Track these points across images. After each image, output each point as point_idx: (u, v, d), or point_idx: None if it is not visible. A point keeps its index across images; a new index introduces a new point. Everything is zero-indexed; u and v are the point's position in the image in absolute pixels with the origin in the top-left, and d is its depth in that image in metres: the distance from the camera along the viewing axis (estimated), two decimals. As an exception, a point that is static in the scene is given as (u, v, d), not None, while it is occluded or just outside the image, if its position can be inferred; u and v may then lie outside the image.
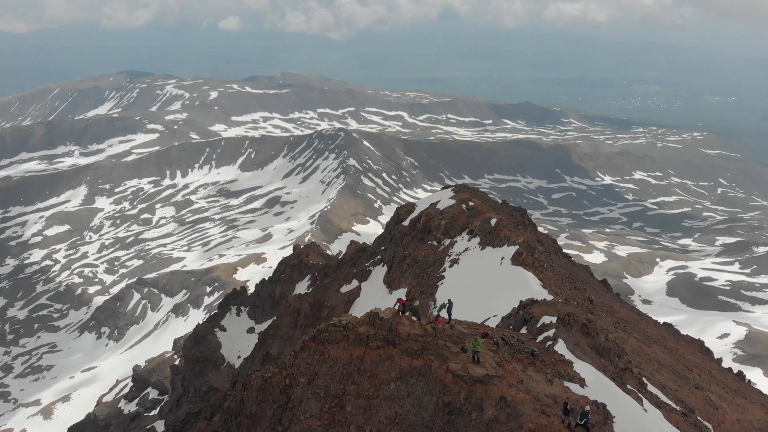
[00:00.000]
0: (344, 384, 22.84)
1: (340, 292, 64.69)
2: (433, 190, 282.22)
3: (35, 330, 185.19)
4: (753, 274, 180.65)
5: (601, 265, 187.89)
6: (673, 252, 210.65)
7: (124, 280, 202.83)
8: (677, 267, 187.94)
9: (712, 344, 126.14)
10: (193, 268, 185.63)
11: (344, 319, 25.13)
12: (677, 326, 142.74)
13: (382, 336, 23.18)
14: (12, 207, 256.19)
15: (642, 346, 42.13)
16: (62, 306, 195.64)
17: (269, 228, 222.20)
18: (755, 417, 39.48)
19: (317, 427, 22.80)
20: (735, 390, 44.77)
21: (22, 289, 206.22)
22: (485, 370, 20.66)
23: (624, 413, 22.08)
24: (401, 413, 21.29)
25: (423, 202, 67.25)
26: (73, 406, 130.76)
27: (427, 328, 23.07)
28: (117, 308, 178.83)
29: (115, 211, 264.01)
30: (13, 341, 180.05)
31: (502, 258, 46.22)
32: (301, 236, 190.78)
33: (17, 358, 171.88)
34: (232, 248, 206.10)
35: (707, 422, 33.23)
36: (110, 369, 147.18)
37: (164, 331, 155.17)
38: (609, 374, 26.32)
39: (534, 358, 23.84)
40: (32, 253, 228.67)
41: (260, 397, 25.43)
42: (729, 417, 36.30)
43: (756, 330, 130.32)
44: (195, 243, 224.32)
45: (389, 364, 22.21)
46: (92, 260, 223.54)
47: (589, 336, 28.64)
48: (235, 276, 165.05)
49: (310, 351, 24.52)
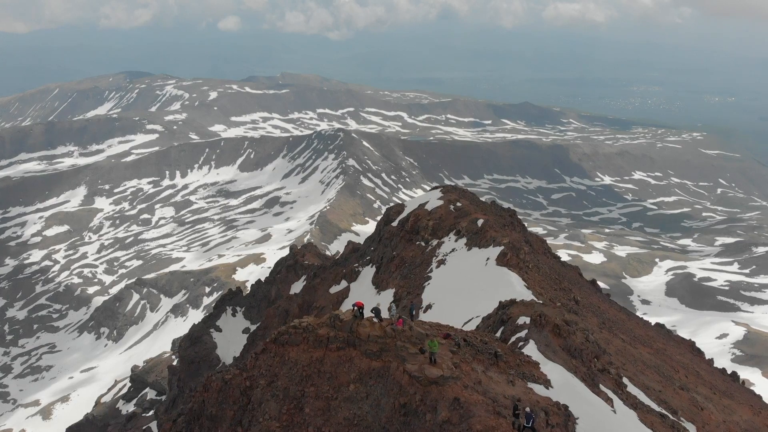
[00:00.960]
0: (303, 386, 22.90)
1: (329, 293, 64.63)
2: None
3: (34, 330, 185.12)
4: (752, 275, 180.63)
5: (600, 265, 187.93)
6: (672, 252, 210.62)
7: (123, 280, 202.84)
8: (676, 267, 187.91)
9: (710, 344, 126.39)
10: (192, 269, 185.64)
11: (304, 321, 25.09)
12: (675, 326, 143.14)
13: (343, 338, 23.19)
14: (11, 207, 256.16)
15: (627, 347, 42.06)
16: (61, 306, 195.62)
17: (268, 228, 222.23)
18: (742, 418, 39.39)
19: (276, 429, 22.86)
20: (723, 391, 44.66)
21: (21, 289, 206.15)
22: (441, 371, 20.61)
23: (589, 415, 22.00)
24: (360, 414, 21.34)
25: (412, 203, 67.32)
26: (71, 406, 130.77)
27: (387, 329, 22.97)
28: (116, 308, 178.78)
29: (115, 211, 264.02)
30: (12, 341, 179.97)
31: (488, 259, 46.24)
32: (300, 236, 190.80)
33: (16, 358, 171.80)
34: (232, 248, 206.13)
35: (691, 423, 33.19)
36: (109, 369, 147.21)
37: (163, 332, 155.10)
38: (580, 375, 26.25)
39: (497, 359, 23.76)
40: (32, 253, 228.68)
41: (220, 398, 25.52)
42: (715, 418, 36.24)
43: (755, 330, 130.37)
44: (194, 243, 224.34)
45: (349, 365, 22.28)
46: (91, 260, 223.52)
47: (561, 337, 28.64)
48: (234, 276, 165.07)
49: (270, 353, 24.53)
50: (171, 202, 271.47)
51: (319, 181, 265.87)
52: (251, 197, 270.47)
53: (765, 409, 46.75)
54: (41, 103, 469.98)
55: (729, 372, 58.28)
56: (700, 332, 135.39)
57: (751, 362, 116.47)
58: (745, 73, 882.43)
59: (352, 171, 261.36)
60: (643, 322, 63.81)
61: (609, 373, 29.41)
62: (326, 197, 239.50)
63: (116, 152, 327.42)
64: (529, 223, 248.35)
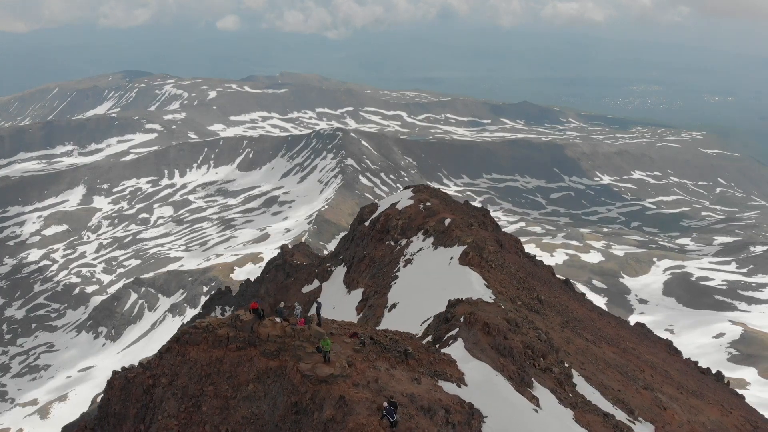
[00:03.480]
0: (202, 384, 23.07)
1: (301, 293, 64.62)
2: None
3: (33, 329, 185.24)
4: (749, 274, 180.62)
5: (598, 264, 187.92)
6: (670, 251, 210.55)
7: (121, 279, 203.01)
8: (674, 267, 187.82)
9: (707, 344, 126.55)
10: (190, 268, 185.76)
11: (205, 321, 25.23)
12: (672, 326, 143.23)
13: (243, 337, 23.28)
14: (10, 207, 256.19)
15: (590, 346, 41.93)
16: (60, 305, 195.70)
17: (266, 228, 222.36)
18: (709, 418, 39.21)
19: (174, 427, 23.09)
20: (692, 391, 44.42)
21: (19, 288, 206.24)
22: (332, 370, 20.79)
23: (502, 413, 22.07)
24: (258, 413, 21.51)
25: (385, 202, 67.42)
26: (69, 405, 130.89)
27: (286, 329, 23.12)
28: (114, 308, 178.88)
29: (113, 210, 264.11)
30: (10, 341, 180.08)
31: (451, 258, 46.41)
32: (298, 236, 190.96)
33: (15, 357, 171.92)
34: (230, 248, 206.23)
35: (650, 423, 33.11)
36: (107, 368, 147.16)
37: (161, 331, 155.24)
38: (508, 374, 26.38)
39: (407, 357, 23.84)
40: (30, 252, 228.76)
41: (123, 396, 25.79)
42: (678, 418, 36.07)
43: (751, 330, 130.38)
44: (193, 243, 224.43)
45: (249, 365, 22.39)
46: (90, 260, 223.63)
47: (490, 335, 28.85)
48: (231, 276, 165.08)
49: (173, 352, 24.66)
50: (169, 202, 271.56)
51: (317, 181, 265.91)
52: (250, 197, 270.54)
53: (738, 409, 46.60)
54: (41, 102, 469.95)
55: (714, 372, 58.17)
56: (697, 332, 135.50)
57: (747, 362, 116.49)
58: (745, 72, 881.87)
59: (350, 170, 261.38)
60: (618, 322, 63.58)
61: (551, 371, 29.58)
62: (325, 196, 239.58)
63: (115, 151, 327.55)
64: (528, 222, 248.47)
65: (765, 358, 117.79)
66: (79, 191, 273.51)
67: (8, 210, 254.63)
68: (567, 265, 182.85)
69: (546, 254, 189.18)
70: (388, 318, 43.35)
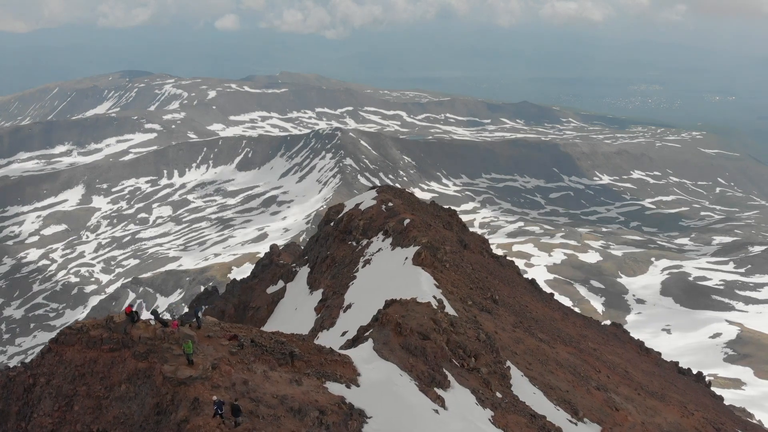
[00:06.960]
0: (75, 384, 23.69)
1: (266, 293, 64.76)
2: (430, 189, 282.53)
3: (31, 329, 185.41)
4: (747, 274, 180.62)
5: (596, 264, 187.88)
6: (668, 251, 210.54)
7: (120, 279, 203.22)
8: (672, 266, 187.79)
9: (703, 344, 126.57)
10: (188, 268, 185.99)
11: (80, 322, 25.76)
12: (669, 326, 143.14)
13: (117, 339, 23.66)
14: (9, 206, 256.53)
15: (543, 347, 41.90)
16: (58, 305, 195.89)
17: (265, 227, 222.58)
18: (666, 420, 38.93)
19: (48, 425, 23.84)
20: (653, 392, 44.11)
21: (18, 288, 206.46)
22: (193, 371, 21.12)
23: (391, 413, 22.12)
24: (128, 413, 22.09)
25: (351, 203, 67.71)
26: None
27: (157, 331, 23.47)
28: (112, 308, 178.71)
29: (112, 210, 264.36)
30: (9, 341, 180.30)
31: (406, 258, 46.66)
32: (296, 235, 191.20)
33: (13, 357, 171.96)
34: (228, 248, 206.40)
35: (596, 424, 33.12)
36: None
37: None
38: (415, 374, 26.50)
39: (293, 358, 24.11)
40: (29, 252, 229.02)
41: (4, 394, 26.56)
42: (632, 419, 35.90)
43: (748, 330, 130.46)
44: (191, 242, 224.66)
45: (122, 366, 22.90)
46: (89, 260, 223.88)
47: (401, 335, 29.18)
48: (229, 275, 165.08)
49: (53, 353, 25.26)
50: (168, 201, 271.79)
51: (316, 180, 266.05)
52: (248, 196, 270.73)
53: (705, 411, 46.38)
54: (40, 102, 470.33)
55: (695, 372, 57.95)
56: (694, 331, 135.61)
57: (744, 362, 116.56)
58: (745, 72, 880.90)
59: (349, 170, 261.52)
60: (586, 322, 63.32)
61: (479, 372, 29.87)
62: (323, 196, 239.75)
63: (114, 151, 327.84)
64: (527, 222, 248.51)
65: (761, 358, 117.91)
66: (78, 191, 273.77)
67: (7, 209, 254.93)
68: (565, 265, 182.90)
69: (544, 254, 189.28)
70: (343, 318, 43.64)
